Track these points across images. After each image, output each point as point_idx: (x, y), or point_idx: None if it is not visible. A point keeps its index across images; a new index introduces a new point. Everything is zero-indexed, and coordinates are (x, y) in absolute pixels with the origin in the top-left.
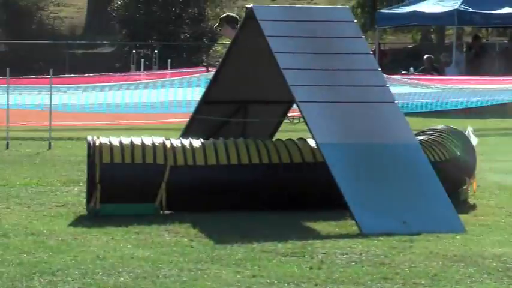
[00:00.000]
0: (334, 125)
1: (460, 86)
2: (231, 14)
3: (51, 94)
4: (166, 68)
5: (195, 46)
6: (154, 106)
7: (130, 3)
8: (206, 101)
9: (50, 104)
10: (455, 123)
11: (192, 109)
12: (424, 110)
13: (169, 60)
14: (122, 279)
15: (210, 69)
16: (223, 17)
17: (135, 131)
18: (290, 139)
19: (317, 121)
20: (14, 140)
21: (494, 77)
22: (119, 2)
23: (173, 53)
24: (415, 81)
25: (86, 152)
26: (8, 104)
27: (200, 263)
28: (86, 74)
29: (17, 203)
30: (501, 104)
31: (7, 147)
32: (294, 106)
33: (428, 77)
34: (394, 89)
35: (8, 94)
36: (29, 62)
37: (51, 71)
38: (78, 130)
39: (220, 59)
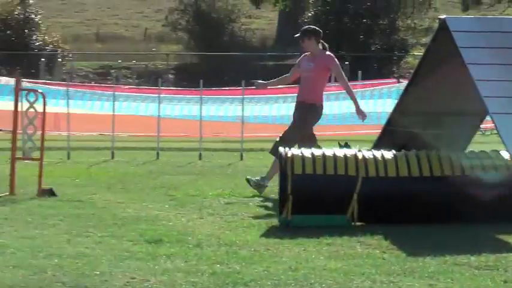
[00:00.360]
0: None
1: None
2: (316, 27)
3: (243, 105)
4: (357, 79)
5: (386, 57)
6: (344, 117)
7: (321, 15)
8: (398, 112)
9: (242, 116)
10: None
11: (383, 121)
12: None
13: (359, 72)
14: None
15: (401, 80)
16: (308, 30)
17: (324, 142)
18: (483, 151)
19: (511, 133)
20: (206, 151)
21: None
22: (310, 14)
23: (364, 64)
24: None
25: (277, 163)
26: (201, 115)
27: (392, 275)
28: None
29: (209, 213)
30: None
31: (200, 158)
32: (487, 118)
33: None
34: None
35: (201, 105)
36: (221, 73)
37: (243, 82)
38: (269, 141)
39: (411, 71)
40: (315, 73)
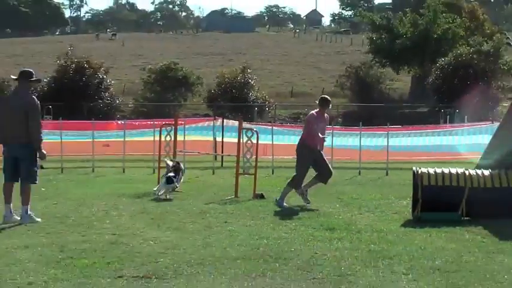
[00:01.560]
0: None
1: None
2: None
3: (388, 138)
4: (464, 121)
5: (483, 107)
6: (456, 147)
7: (439, 78)
8: (494, 143)
9: (387, 145)
10: None
11: (482, 149)
12: None
13: (466, 116)
14: (436, 262)
15: (494, 122)
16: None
17: (445, 164)
18: None
19: None
20: (363, 169)
21: None
22: (432, 78)
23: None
24: None
25: (411, 178)
26: (360, 146)
27: (490, 253)
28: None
29: (366, 210)
30: None
31: (359, 174)
32: None
33: None
34: None
35: (360, 139)
36: (372, 118)
37: (388, 124)
38: (406, 163)
39: (501, 116)
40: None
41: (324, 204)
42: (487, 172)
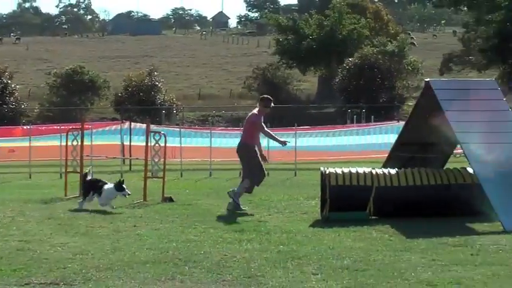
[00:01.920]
0: (486, 158)
1: None
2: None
3: (296, 139)
4: (370, 121)
5: (389, 107)
6: (363, 146)
7: (346, 79)
8: (399, 142)
9: (295, 146)
10: None
11: (389, 148)
12: None
13: (372, 116)
14: (345, 261)
15: (399, 121)
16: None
17: (352, 163)
18: (456, 168)
19: (474, 156)
20: (272, 170)
21: None
22: (339, 78)
23: (375, 111)
24: None
25: (319, 178)
26: (268, 146)
27: (397, 251)
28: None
29: (275, 211)
30: None
31: (268, 175)
32: (458, 146)
33: None
34: None
35: (268, 139)
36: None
37: (295, 124)
38: (314, 163)
39: (407, 115)
40: None
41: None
42: (393, 171)
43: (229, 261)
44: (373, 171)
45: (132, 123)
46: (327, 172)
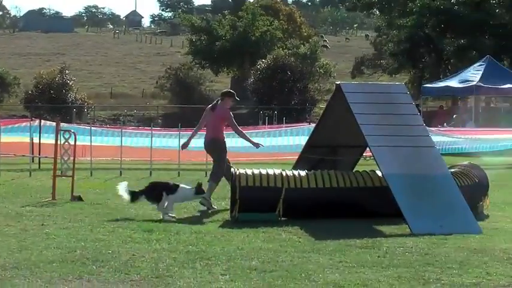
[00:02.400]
0: (394, 161)
1: (477, 136)
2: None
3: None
4: (283, 123)
5: (301, 109)
6: (274, 148)
7: (258, 81)
8: (309, 145)
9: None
10: (474, 160)
11: (300, 150)
12: (454, 152)
13: (284, 118)
14: (254, 262)
15: (311, 123)
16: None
17: (263, 165)
18: (365, 170)
19: (383, 159)
20: (182, 170)
21: (500, 129)
22: (251, 80)
23: (287, 113)
24: (448, 133)
25: (230, 179)
26: (179, 146)
27: (305, 252)
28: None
29: (185, 212)
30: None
31: (178, 175)
32: (367, 149)
33: (456, 129)
34: (434, 138)
35: (179, 139)
36: (193, 119)
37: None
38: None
39: (318, 117)
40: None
41: (142, 205)
42: (303, 173)
43: (138, 261)
44: (283, 173)
45: (42, 121)
46: (237, 173)
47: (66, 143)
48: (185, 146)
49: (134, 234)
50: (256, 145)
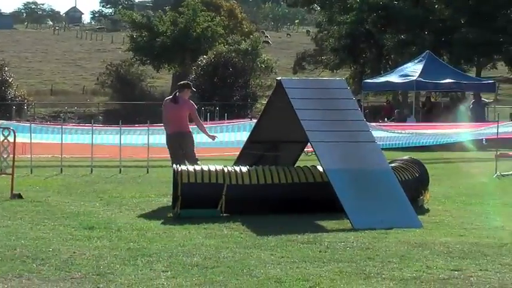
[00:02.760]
0: (335, 156)
1: (417, 131)
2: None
3: (148, 136)
4: (224, 119)
5: (243, 105)
6: (216, 144)
7: (200, 77)
8: (250, 140)
9: (148, 142)
10: (414, 155)
11: (241, 146)
12: (394, 147)
13: (225, 114)
14: (195, 259)
15: (252, 119)
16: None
17: (205, 161)
18: (306, 166)
19: (324, 154)
20: (124, 167)
21: (440, 124)
22: (193, 76)
23: (228, 109)
24: (389, 128)
25: (172, 175)
26: (120, 142)
27: (247, 248)
28: None
29: (126, 209)
30: (444, 143)
31: (120, 172)
32: (308, 144)
33: (397, 124)
34: (375, 133)
35: (120, 135)
36: (134, 115)
37: (148, 121)
38: (167, 161)
39: (259, 113)
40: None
41: (83, 203)
42: (245, 169)
43: (78, 258)
44: (225, 169)
45: None
46: (179, 169)
47: (6, 141)
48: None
49: (75, 232)
50: (212, 137)
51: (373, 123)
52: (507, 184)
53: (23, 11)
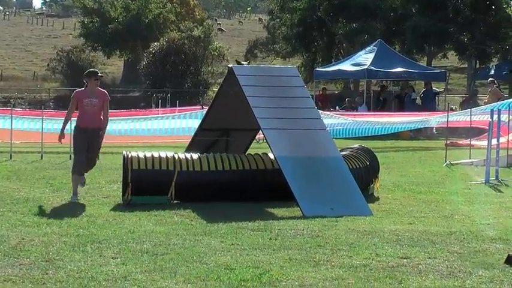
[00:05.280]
0: (286, 144)
1: (369, 119)
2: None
3: None
4: (176, 106)
5: (195, 92)
6: (167, 131)
7: (151, 63)
8: (201, 128)
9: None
10: (365, 143)
11: (192, 133)
12: (345, 135)
13: (177, 101)
14: (145, 245)
15: (204, 107)
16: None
17: (156, 148)
18: (257, 153)
19: (275, 141)
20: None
21: (391, 113)
22: (144, 63)
23: (180, 96)
24: (340, 116)
25: (122, 162)
26: (71, 129)
27: (197, 235)
28: (123, 110)
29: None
30: (396, 131)
31: (70, 158)
32: (260, 132)
33: (348, 112)
34: (326, 121)
35: (71, 123)
36: None
37: None
38: (117, 147)
39: (211, 101)
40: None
41: (33, 189)
42: (195, 156)
43: (27, 244)
44: (176, 156)
45: None
46: (129, 156)
47: None
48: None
49: (24, 218)
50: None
51: (326, 112)
52: (456, 173)
53: None
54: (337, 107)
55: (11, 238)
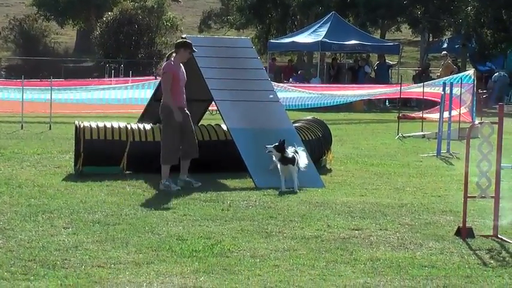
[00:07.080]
0: (239, 115)
1: (322, 92)
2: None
3: (51, 92)
4: (129, 76)
5: (148, 62)
6: (120, 101)
7: (105, 33)
8: (155, 98)
9: (51, 98)
10: (318, 115)
11: (145, 103)
12: (298, 107)
13: (130, 71)
14: (97, 216)
15: (157, 77)
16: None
17: (108, 118)
18: (210, 124)
19: (228, 113)
20: (26, 123)
21: (344, 85)
22: (97, 33)
23: (133, 66)
24: (293, 88)
25: (74, 132)
26: (22, 98)
27: (149, 206)
28: (76, 80)
29: (27, 165)
30: (349, 103)
31: (22, 128)
32: (213, 103)
33: (301, 85)
34: (280, 93)
35: (22, 92)
36: (37, 71)
37: (51, 77)
38: (70, 117)
39: None
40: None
41: None
42: (148, 126)
43: None
44: (128, 126)
45: None
46: (82, 126)
47: None
48: None
49: None
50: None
51: (280, 84)
52: (408, 145)
53: None
54: (290, 79)
55: None
